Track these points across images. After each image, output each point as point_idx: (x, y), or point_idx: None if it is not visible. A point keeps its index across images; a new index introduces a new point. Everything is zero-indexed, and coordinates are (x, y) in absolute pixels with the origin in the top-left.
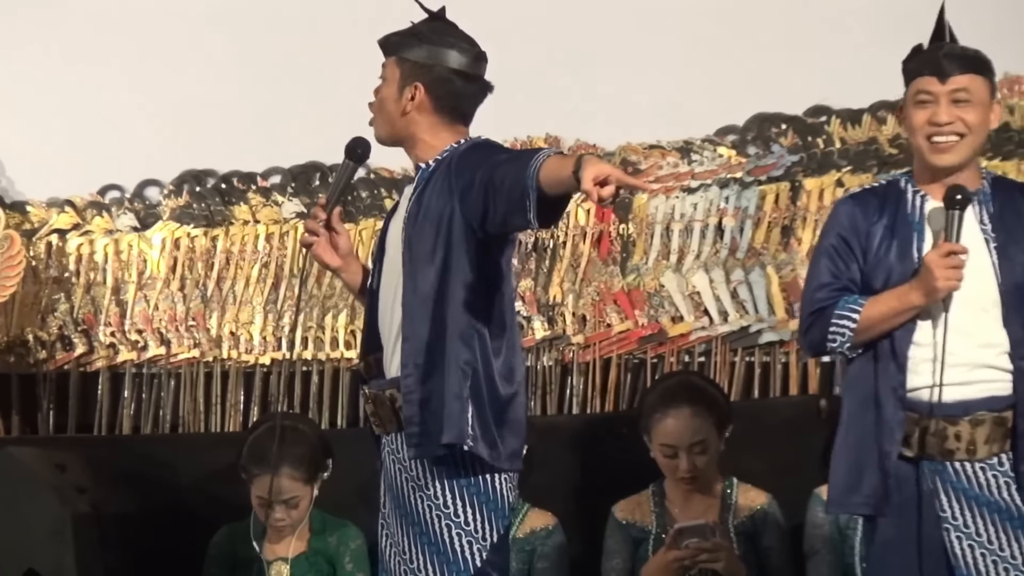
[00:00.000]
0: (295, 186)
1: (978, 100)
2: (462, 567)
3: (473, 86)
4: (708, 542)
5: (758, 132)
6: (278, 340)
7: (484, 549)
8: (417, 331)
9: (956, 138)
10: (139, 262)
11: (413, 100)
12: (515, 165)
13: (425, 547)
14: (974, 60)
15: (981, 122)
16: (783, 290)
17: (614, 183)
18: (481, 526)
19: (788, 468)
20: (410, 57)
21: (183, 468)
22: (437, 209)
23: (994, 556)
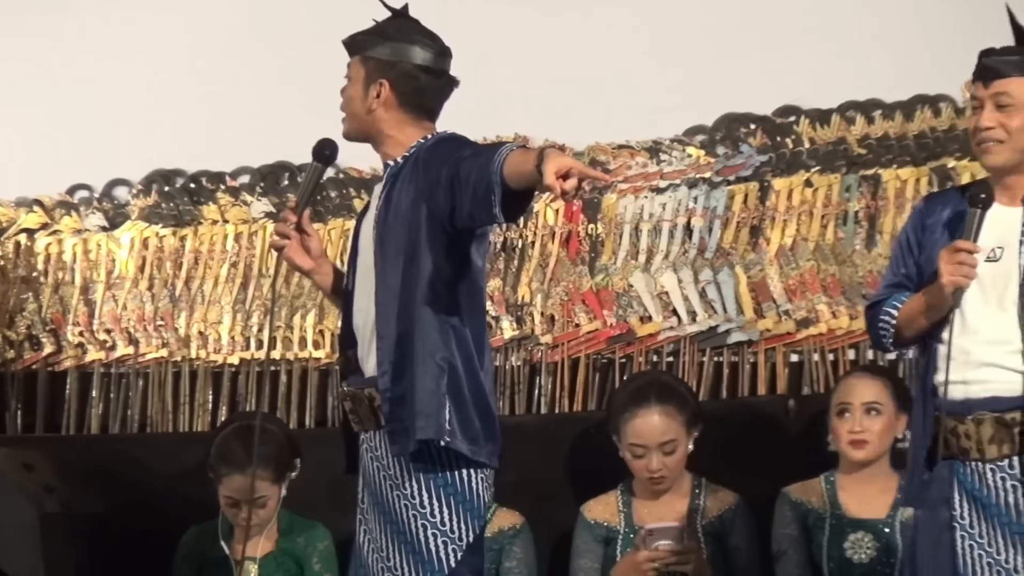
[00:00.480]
0: (264, 186)
1: (1018, 103)
2: (436, 567)
3: (438, 81)
4: (678, 544)
5: (727, 132)
6: (246, 340)
7: (459, 549)
8: (391, 329)
9: (995, 142)
10: (108, 262)
11: (379, 97)
12: (479, 160)
13: (401, 546)
14: (1015, 63)
15: (1020, 126)
16: (752, 290)
17: (576, 176)
18: (457, 526)
19: (756, 468)
20: (374, 55)
21: (151, 468)
22: (406, 206)
23: (990, 559)
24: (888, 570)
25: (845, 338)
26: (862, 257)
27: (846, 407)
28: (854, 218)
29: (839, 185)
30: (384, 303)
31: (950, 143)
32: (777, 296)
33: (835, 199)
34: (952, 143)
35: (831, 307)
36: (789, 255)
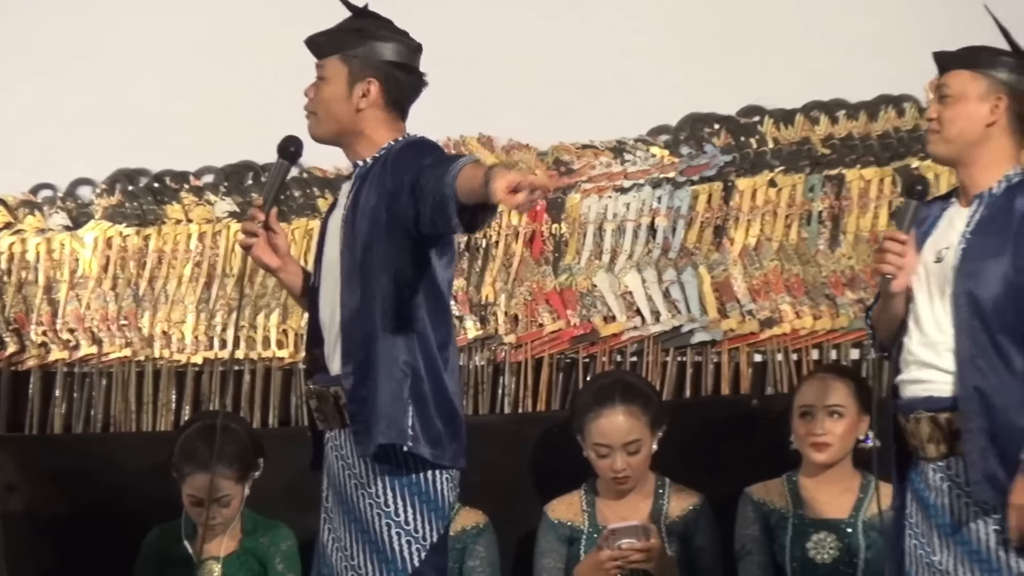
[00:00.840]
0: (228, 185)
1: (956, 94)
2: (400, 566)
3: (413, 78)
4: (641, 543)
5: (691, 132)
6: (210, 339)
7: (423, 549)
8: (356, 329)
9: (934, 133)
10: (71, 261)
11: (366, 96)
12: (436, 171)
13: (366, 545)
14: (956, 56)
15: (955, 116)
16: (715, 290)
17: (525, 188)
18: (421, 526)
19: (720, 468)
20: (357, 53)
21: (115, 467)
22: (371, 206)
23: (927, 559)
24: (851, 570)
25: (808, 338)
26: (826, 257)
27: (808, 410)
28: (818, 218)
29: (803, 185)
30: (348, 303)
31: (914, 143)
32: (741, 296)
33: (799, 199)
34: (916, 143)
35: (795, 307)
36: (753, 255)
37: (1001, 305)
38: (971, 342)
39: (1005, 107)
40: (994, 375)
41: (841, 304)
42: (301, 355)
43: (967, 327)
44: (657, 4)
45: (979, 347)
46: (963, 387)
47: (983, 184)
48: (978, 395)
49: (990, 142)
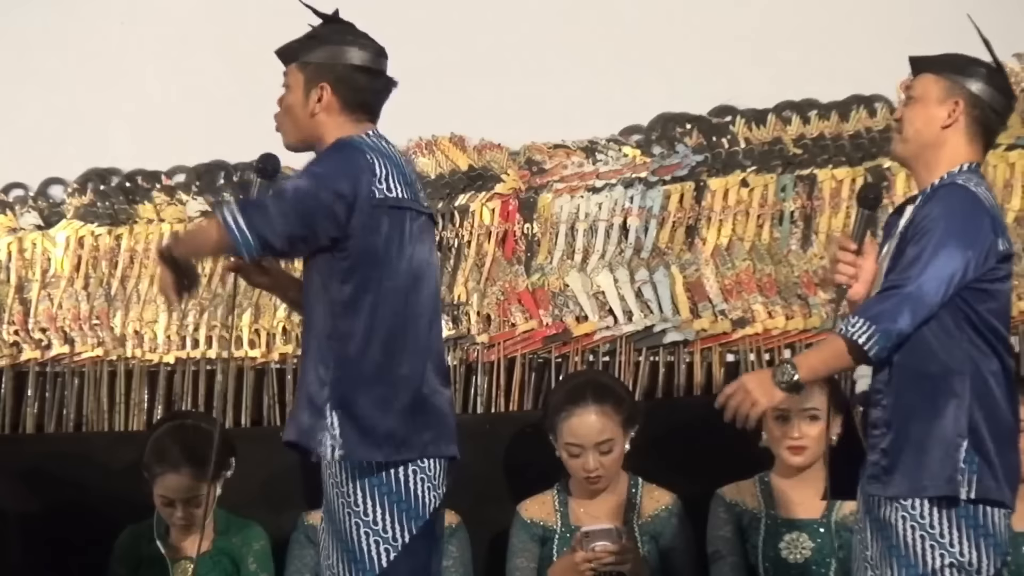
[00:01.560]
0: (200, 185)
1: (918, 95)
2: (368, 567)
3: (377, 81)
4: (614, 545)
5: (663, 132)
6: (182, 339)
7: (393, 549)
8: (305, 337)
9: (896, 133)
10: (43, 260)
11: (320, 101)
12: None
13: (339, 545)
14: (928, 61)
15: (914, 116)
16: (687, 290)
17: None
18: (391, 526)
19: (693, 468)
20: (311, 60)
21: (87, 467)
22: None
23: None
24: (824, 570)
25: (781, 338)
26: (798, 257)
27: (784, 413)
28: (790, 218)
29: (775, 185)
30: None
31: (885, 143)
32: (713, 296)
33: (771, 199)
34: (888, 143)
35: (767, 307)
36: (725, 255)
37: None
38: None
39: (962, 111)
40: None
41: (813, 304)
42: (274, 355)
43: None
44: (629, 4)
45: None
46: (874, 378)
47: (928, 183)
48: (886, 387)
49: (945, 145)
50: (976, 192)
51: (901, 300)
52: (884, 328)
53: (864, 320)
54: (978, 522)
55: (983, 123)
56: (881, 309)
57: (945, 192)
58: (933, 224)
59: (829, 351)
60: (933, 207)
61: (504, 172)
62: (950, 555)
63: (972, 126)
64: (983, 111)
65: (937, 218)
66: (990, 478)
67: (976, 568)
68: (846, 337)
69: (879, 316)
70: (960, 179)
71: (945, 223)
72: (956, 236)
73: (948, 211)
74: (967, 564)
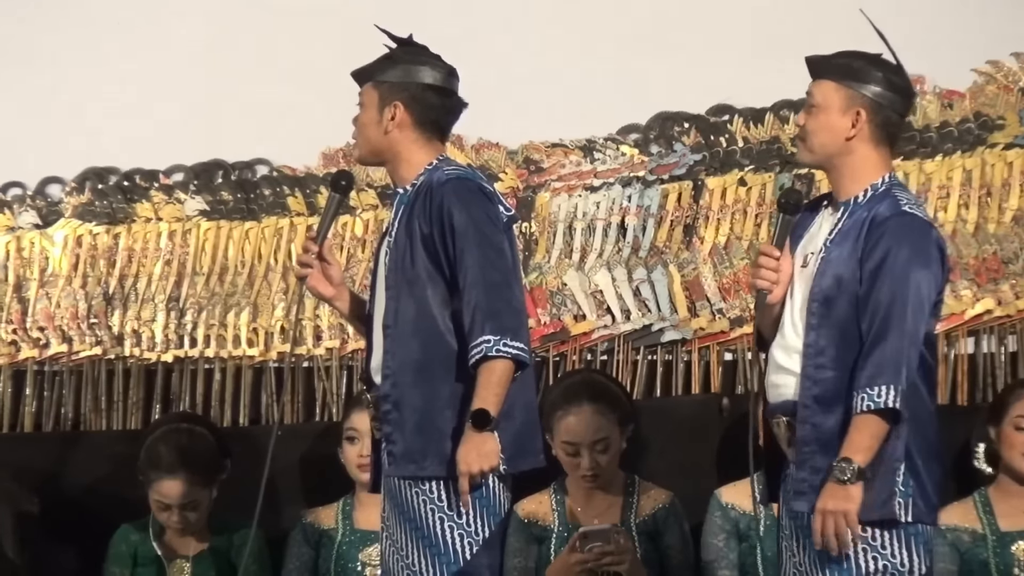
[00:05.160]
0: (197, 184)
1: (819, 104)
2: (452, 559)
3: (449, 100)
4: (611, 545)
5: (661, 131)
6: (180, 338)
7: (475, 543)
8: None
9: (800, 141)
10: (41, 259)
11: (394, 119)
12: (477, 316)
13: (419, 541)
14: (825, 65)
15: (817, 128)
16: (685, 289)
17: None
18: (474, 521)
19: (690, 467)
20: (386, 79)
21: (85, 465)
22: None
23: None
24: None
25: None
26: None
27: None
28: None
29: (773, 184)
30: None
31: None
32: (711, 295)
33: (769, 198)
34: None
35: None
36: (723, 254)
37: (846, 312)
38: (816, 348)
39: (865, 120)
40: (834, 383)
41: None
42: (272, 353)
43: (815, 333)
44: (627, 4)
45: (823, 354)
46: (801, 393)
47: (850, 192)
48: (814, 403)
49: (854, 153)
50: (930, 223)
51: (898, 349)
52: (899, 383)
53: (882, 385)
54: (909, 527)
55: (886, 128)
56: (885, 365)
57: (905, 227)
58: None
59: (871, 430)
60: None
61: (502, 171)
62: (883, 558)
63: (876, 132)
64: (885, 116)
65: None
66: (922, 502)
67: (908, 571)
68: (879, 411)
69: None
70: (904, 203)
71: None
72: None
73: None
74: (899, 566)
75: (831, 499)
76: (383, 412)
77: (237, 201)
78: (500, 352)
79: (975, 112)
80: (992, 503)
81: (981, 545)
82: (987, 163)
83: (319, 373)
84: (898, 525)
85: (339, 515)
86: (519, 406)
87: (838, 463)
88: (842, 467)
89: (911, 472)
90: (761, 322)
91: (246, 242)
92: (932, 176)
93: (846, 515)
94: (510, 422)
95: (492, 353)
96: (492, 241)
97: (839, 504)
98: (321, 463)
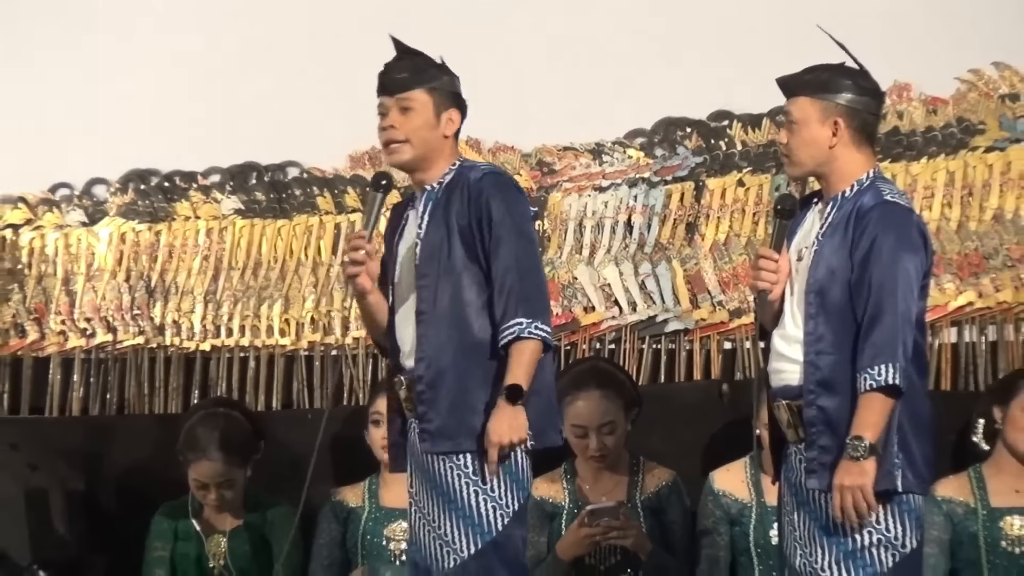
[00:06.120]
0: (233, 184)
1: (799, 120)
2: (486, 529)
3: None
4: (618, 521)
5: (664, 135)
6: (217, 328)
7: (507, 515)
8: (434, 337)
9: (785, 157)
10: (87, 255)
11: (452, 123)
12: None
13: (452, 513)
14: (797, 83)
15: (801, 143)
16: (687, 282)
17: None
18: (505, 494)
19: (691, 448)
20: (441, 87)
21: (128, 447)
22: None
23: (794, 535)
24: None
25: None
26: None
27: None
28: None
29: (769, 184)
30: (428, 314)
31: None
32: (711, 288)
33: (765, 197)
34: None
35: None
36: (723, 250)
37: (841, 300)
38: (815, 336)
39: (844, 127)
40: (835, 367)
41: None
42: (302, 342)
43: (814, 321)
44: (634, 15)
45: (823, 340)
46: (806, 378)
47: (838, 189)
48: (818, 387)
49: (838, 159)
50: (912, 209)
51: (894, 328)
52: (897, 360)
53: (881, 364)
54: (902, 500)
55: (864, 129)
56: (883, 345)
57: (889, 214)
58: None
59: (877, 407)
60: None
61: (517, 172)
62: (878, 532)
63: (856, 136)
64: (862, 120)
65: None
66: (911, 474)
67: (901, 543)
68: (882, 388)
69: (887, 352)
70: (886, 193)
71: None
72: (908, 252)
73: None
74: (893, 539)
75: (847, 475)
76: (418, 392)
77: (270, 201)
78: (532, 334)
79: (958, 117)
80: (985, 479)
81: (972, 518)
82: (969, 165)
83: (347, 361)
84: (891, 499)
85: (365, 493)
86: (544, 386)
87: (850, 441)
88: (855, 444)
89: (902, 446)
90: (763, 317)
91: (278, 239)
92: (918, 177)
93: (862, 489)
94: (537, 399)
95: (524, 334)
96: (526, 231)
97: (855, 479)
98: (349, 445)
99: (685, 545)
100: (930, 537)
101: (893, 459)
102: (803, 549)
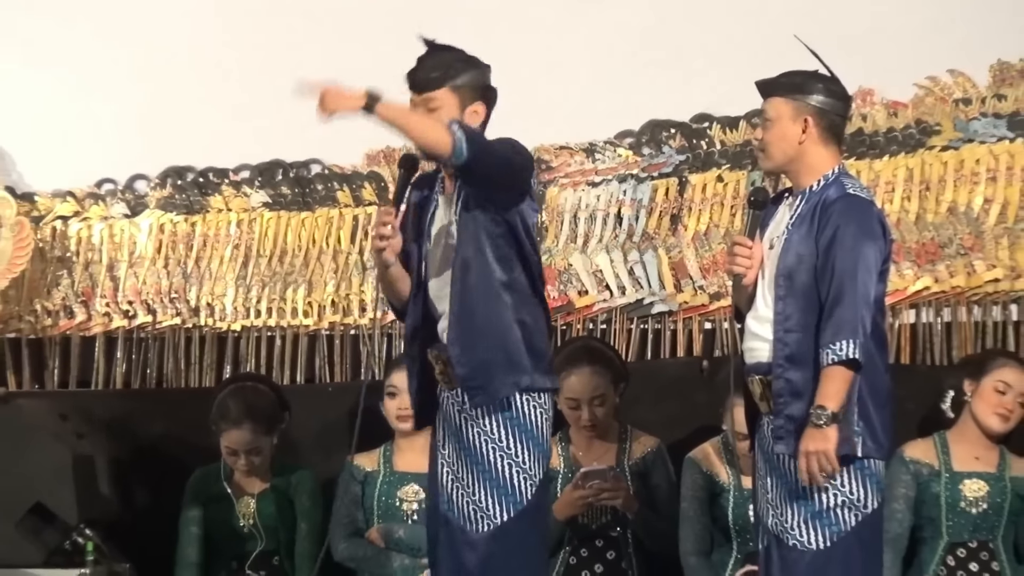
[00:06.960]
0: (261, 180)
1: (772, 118)
2: (518, 499)
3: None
4: (608, 483)
5: (651, 136)
6: (247, 310)
7: (535, 484)
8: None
9: (759, 152)
10: (130, 244)
11: (476, 115)
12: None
13: (487, 482)
14: (772, 85)
15: (773, 139)
16: (671, 269)
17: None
18: (528, 460)
19: (675, 419)
20: (464, 83)
21: (166, 417)
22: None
23: (767, 498)
24: None
25: None
26: None
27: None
28: None
29: (745, 180)
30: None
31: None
32: (693, 274)
33: (742, 192)
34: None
35: None
36: (703, 239)
37: (807, 283)
38: (784, 315)
39: (812, 125)
40: (801, 343)
41: None
42: (324, 323)
43: (783, 302)
44: (623, 25)
45: (790, 319)
46: (775, 354)
47: (805, 183)
48: (786, 361)
49: (807, 155)
50: (873, 201)
51: (854, 307)
52: (857, 336)
53: (842, 340)
54: (863, 465)
55: (831, 129)
56: (844, 323)
57: (852, 206)
58: (850, 241)
59: (838, 379)
60: (844, 221)
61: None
62: (842, 494)
63: (823, 134)
64: (829, 119)
65: (854, 236)
66: (871, 441)
67: (863, 504)
68: (843, 361)
69: (847, 329)
70: (849, 187)
71: (858, 231)
72: (868, 240)
73: (859, 225)
74: (856, 500)
75: (811, 441)
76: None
77: (294, 195)
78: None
79: (916, 120)
80: (949, 445)
81: (935, 480)
82: (926, 163)
83: (363, 339)
84: (853, 463)
85: (380, 459)
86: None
87: (814, 410)
88: (818, 413)
89: (863, 415)
90: (738, 300)
91: (302, 229)
92: (880, 174)
93: (826, 453)
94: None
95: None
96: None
97: (818, 445)
98: (365, 415)
99: (669, 505)
100: (898, 494)
101: (854, 427)
102: (775, 510)
